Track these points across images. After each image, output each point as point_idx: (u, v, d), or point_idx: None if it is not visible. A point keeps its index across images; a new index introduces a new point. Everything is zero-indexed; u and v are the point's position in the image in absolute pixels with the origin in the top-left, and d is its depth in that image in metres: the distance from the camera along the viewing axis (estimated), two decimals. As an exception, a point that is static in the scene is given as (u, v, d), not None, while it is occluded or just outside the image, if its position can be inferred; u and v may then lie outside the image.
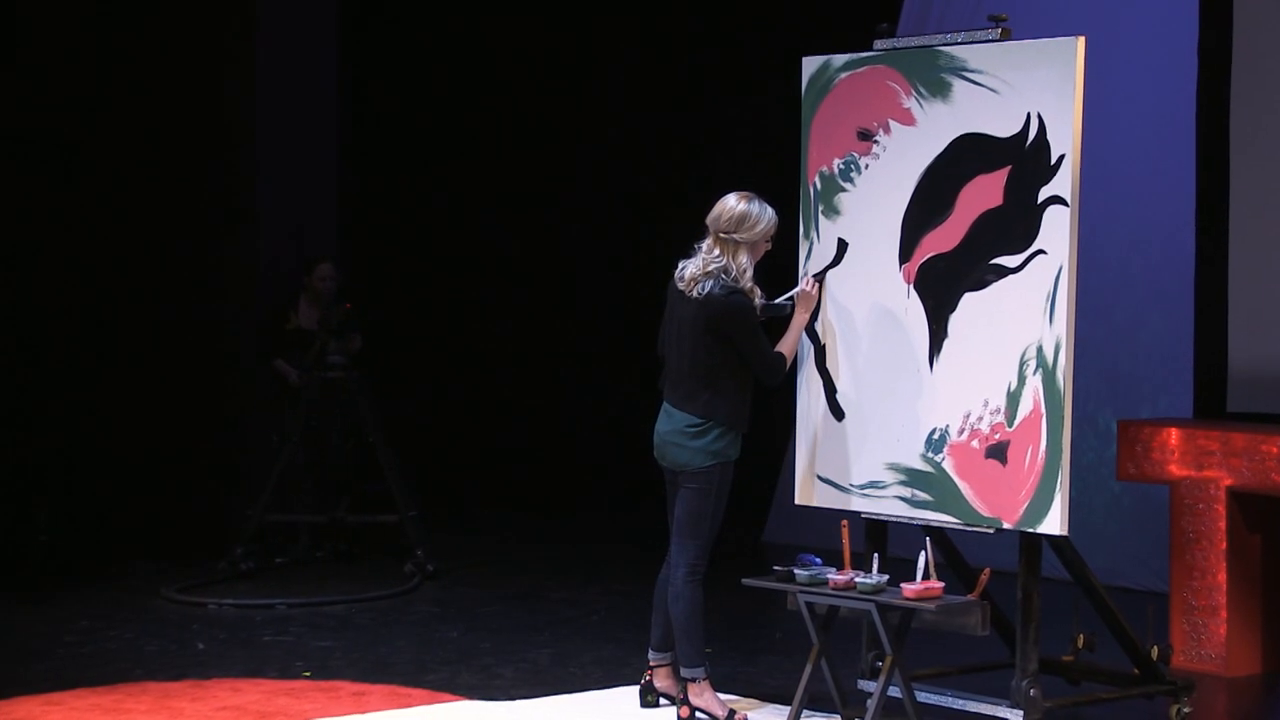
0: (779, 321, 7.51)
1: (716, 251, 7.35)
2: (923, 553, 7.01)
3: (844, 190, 7.49)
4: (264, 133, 11.86)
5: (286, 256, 11.52)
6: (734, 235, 7.32)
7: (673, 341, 7.49)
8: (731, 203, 7.36)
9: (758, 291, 7.37)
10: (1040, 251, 6.89)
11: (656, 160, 13.52)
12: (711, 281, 7.33)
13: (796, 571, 7.19)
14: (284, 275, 11.49)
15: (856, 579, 7.06)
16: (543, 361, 13.93)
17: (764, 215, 7.35)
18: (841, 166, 7.49)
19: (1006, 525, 6.98)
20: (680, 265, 7.45)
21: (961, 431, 7.10)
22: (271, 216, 11.83)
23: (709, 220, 7.39)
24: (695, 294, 7.35)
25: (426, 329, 13.72)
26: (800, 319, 7.47)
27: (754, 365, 7.33)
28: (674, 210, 12.50)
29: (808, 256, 7.59)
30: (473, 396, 13.84)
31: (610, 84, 13.64)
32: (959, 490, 7.10)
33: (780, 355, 7.36)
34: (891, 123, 7.34)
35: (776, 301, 7.50)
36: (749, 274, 7.34)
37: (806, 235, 7.59)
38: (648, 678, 7.70)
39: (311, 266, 11.21)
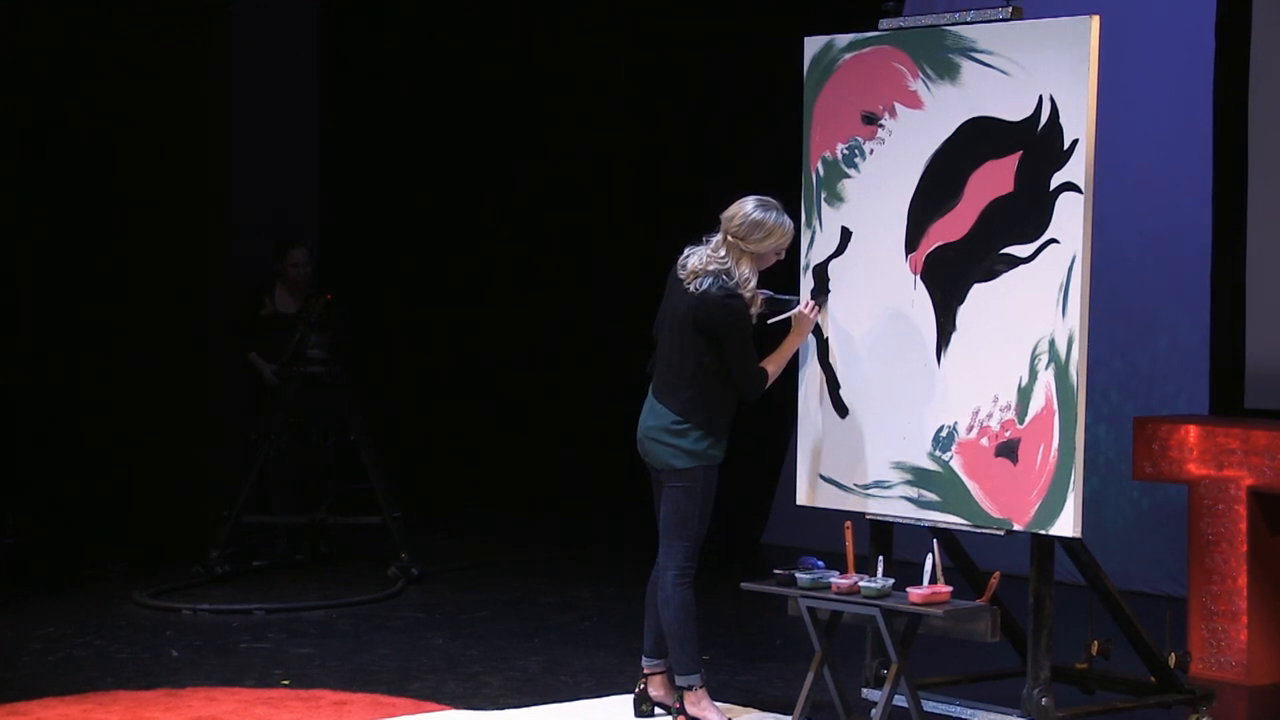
0: (781, 329, 7.35)
1: (723, 252, 7.22)
2: (930, 555, 6.93)
3: (848, 176, 7.37)
4: (240, 121, 11.79)
5: (263, 250, 11.41)
6: (741, 242, 7.17)
7: (665, 330, 7.38)
8: (748, 207, 7.20)
9: (758, 300, 7.25)
10: (1053, 240, 6.78)
11: (652, 148, 13.51)
12: (710, 280, 7.21)
13: (798, 575, 7.13)
14: (261, 268, 11.41)
15: (861, 583, 7.00)
16: (533, 358, 13.91)
17: (778, 228, 7.19)
18: (845, 151, 7.37)
19: (1017, 527, 6.89)
20: (685, 253, 7.33)
21: (970, 429, 6.99)
22: (249, 208, 11.80)
23: (723, 217, 7.25)
24: (692, 288, 7.24)
25: (411, 323, 13.66)
26: (793, 341, 7.35)
27: (735, 375, 7.22)
28: (673, 202, 12.50)
29: (810, 245, 7.48)
30: (459, 393, 13.80)
31: (606, 65, 13.53)
32: (968, 490, 7.00)
33: (764, 371, 7.25)
34: (897, 106, 7.22)
35: (782, 302, 7.33)
36: (752, 284, 7.22)
37: (809, 224, 7.48)
38: (642, 686, 7.60)
39: (284, 252, 11.16)
